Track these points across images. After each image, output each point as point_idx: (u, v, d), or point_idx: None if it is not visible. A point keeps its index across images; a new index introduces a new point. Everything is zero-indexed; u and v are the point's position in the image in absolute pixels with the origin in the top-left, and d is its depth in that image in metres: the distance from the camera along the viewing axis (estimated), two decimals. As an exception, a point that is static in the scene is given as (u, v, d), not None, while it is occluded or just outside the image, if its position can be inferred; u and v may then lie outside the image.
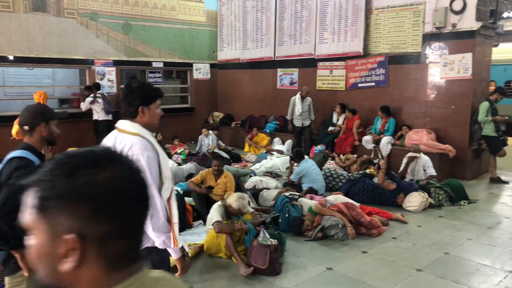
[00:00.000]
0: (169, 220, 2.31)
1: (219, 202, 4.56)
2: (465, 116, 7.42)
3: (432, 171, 6.80)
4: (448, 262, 4.37)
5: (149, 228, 2.22)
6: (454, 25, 7.39)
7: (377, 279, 4.00)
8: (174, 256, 2.37)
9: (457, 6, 7.31)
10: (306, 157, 7.21)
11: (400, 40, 8.15)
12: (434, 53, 7.72)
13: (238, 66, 11.64)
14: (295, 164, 6.81)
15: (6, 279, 2.41)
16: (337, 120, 9.07)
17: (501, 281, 3.95)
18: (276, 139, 10.08)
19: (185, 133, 10.93)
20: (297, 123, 9.13)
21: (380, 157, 8.06)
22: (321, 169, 7.20)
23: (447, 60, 7.52)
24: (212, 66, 12.14)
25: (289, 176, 6.81)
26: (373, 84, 8.62)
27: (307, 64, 9.79)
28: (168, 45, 11.18)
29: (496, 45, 21.04)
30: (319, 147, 8.67)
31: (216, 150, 9.05)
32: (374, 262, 4.37)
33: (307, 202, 5.45)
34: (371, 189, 6.25)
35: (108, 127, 9.37)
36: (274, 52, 10.50)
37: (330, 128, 9.11)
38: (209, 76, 12.06)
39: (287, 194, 5.68)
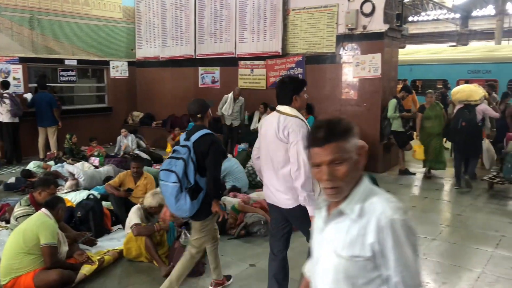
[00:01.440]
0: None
1: (138, 205, 4.42)
2: (376, 113, 7.91)
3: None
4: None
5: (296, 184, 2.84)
6: (364, 27, 7.84)
7: (299, 272, 4.11)
8: (310, 213, 2.86)
9: (367, 9, 7.76)
10: (229, 156, 7.23)
11: (316, 40, 8.47)
12: (347, 53, 8.12)
13: (158, 64, 11.36)
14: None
15: (197, 223, 3.41)
16: (260, 119, 9.20)
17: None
18: (199, 139, 9.97)
19: (103, 134, 10.44)
20: (227, 121, 9.16)
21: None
22: (244, 167, 7.27)
23: (359, 60, 7.96)
24: (131, 64, 11.73)
25: (212, 175, 6.77)
26: (292, 83, 8.85)
27: (229, 63, 9.82)
28: (82, 41, 10.59)
29: (403, 47, 22.77)
30: (243, 146, 8.74)
31: (137, 151, 8.76)
32: (296, 255, 4.45)
33: (230, 201, 5.47)
34: (292, 184, 6.42)
35: (14, 131, 8.66)
36: (195, 50, 10.40)
37: (253, 127, 9.23)
38: (127, 74, 11.63)
39: (210, 193, 5.64)
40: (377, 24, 7.74)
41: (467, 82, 12.20)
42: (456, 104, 7.33)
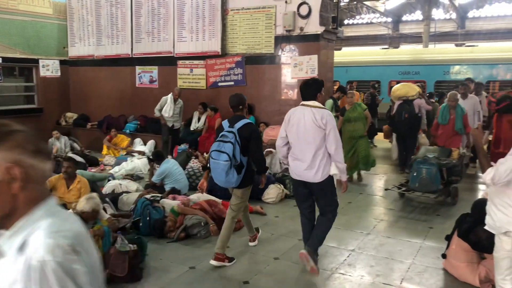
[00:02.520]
0: None
1: (70, 211, 4.19)
2: (314, 113, 8.11)
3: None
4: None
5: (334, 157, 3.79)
6: (301, 29, 8.01)
7: (238, 272, 4.13)
8: (344, 179, 3.92)
9: (304, 11, 7.94)
10: (168, 157, 7.10)
11: (255, 41, 8.54)
12: (285, 54, 8.27)
13: (92, 63, 10.90)
14: (156, 165, 6.65)
15: (239, 191, 4.16)
16: (199, 119, 9.11)
17: (345, 259, 4.42)
18: (137, 140, 9.72)
19: (33, 136, 9.82)
20: (168, 123, 8.85)
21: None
22: (184, 169, 7.17)
23: (296, 61, 8.12)
24: (63, 62, 11.16)
25: (150, 177, 6.62)
26: (232, 83, 8.87)
27: (167, 62, 9.63)
28: (7, 38, 9.92)
29: (339, 49, 23.59)
30: (182, 146, 8.62)
31: (70, 154, 8.33)
32: (236, 255, 4.49)
33: (169, 203, 5.36)
34: (233, 185, 6.43)
35: None
36: (132, 49, 10.10)
37: (193, 127, 9.11)
38: (59, 73, 11.04)
39: (148, 196, 5.50)
40: (313, 26, 7.94)
41: (398, 83, 12.91)
42: (395, 100, 8.29)
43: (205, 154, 8.24)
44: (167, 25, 9.51)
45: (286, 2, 8.07)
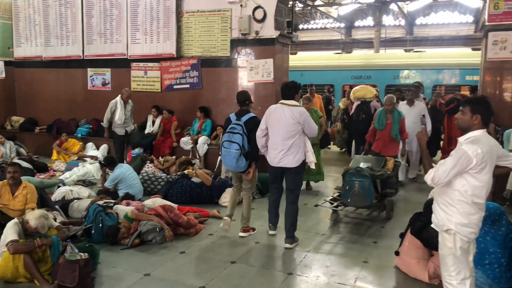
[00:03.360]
0: None
1: (15, 219, 3.98)
2: (270, 116, 8.16)
3: (244, 168, 7.29)
4: (259, 251, 4.73)
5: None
6: (257, 33, 8.05)
7: (194, 277, 4.08)
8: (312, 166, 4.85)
9: (259, 15, 7.98)
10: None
11: (211, 44, 8.49)
12: (242, 58, 8.28)
13: (40, 64, 10.43)
14: (109, 170, 6.45)
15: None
16: (154, 122, 8.93)
17: (301, 260, 4.47)
18: (90, 144, 9.39)
19: (-25, 142, 9.25)
20: (120, 131, 7.98)
21: (198, 157, 8.27)
22: (139, 173, 7.01)
23: (252, 64, 8.15)
24: (8, 64, 10.59)
25: (103, 183, 6.41)
26: (187, 86, 8.77)
27: (120, 64, 9.38)
28: None
29: (295, 53, 23.93)
30: (137, 151, 8.42)
31: (16, 160, 7.92)
32: (192, 261, 4.44)
33: (123, 209, 5.21)
34: (189, 189, 6.36)
35: None
36: (83, 50, 9.75)
37: (148, 131, 8.91)
38: (3, 75, 10.45)
39: (101, 202, 5.32)
40: (269, 30, 8.00)
41: (351, 87, 13.27)
42: (354, 101, 8.91)
43: (160, 158, 8.08)
44: (120, 27, 9.27)
45: (241, 5, 8.09)
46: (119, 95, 8.01)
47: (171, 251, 4.67)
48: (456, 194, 2.81)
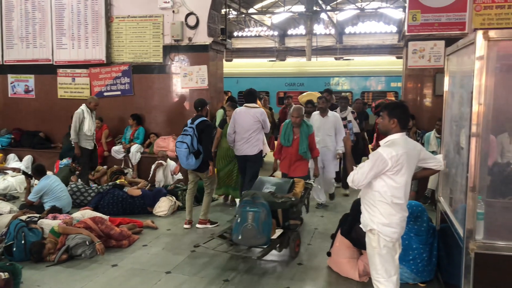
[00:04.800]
0: None
1: None
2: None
3: (179, 175, 7.18)
4: (196, 258, 4.67)
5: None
6: (190, 39, 8.00)
7: (127, 290, 3.93)
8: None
9: (191, 21, 7.94)
10: (48, 173, 6.53)
11: (143, 50, 8.30)
12: (175, 64, 8.18)
13: (-47, 70, 9.58)
14: (36, 181, 6.06)
15: (202, 174, 5.56)
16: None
17: (241, 267, 4.46)
18: (11, 156, 8.77)
19: None
20: (89, 144, 7.08)
21: (130, 166, 8.02)
22: (67, 185, 6.65)
23: (186, 71, 8.08)
24: None
25: (26, 196, 6.00)
26: (119, 93, 8.49)
27: (45, 70, 8.87)
28: None
29: (230, 60, 24.08)
30: (65, 161, 7.98)
31: None
32: (124, 274, 4.28)
33: (49, 223, 4.92)
34: (121, 199, 6.14)
35: None
36: (2, 55, 9.11)
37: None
38: None
39: (23, 217, 4.98)
40: (202, 37, 7.98)
41: (285, 94, 13.58)
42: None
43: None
44: (44, 31, 8.78)
45: (173, 11, 8.00)
46: (84, 104, 7.10)
47: (102, 264, 4.47)
48: (377, 195, 2.96)
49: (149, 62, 8.30)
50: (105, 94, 8.58)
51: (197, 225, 5.67)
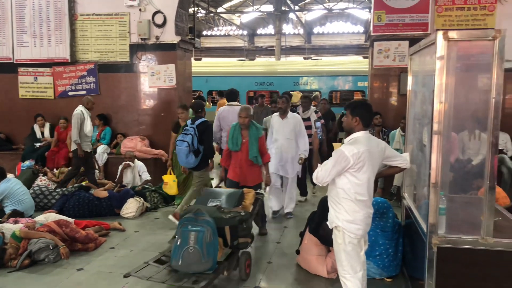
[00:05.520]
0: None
1: None
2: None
3: (147, 176, 7.07)
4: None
5: None
6: (157, 38, 7.89)
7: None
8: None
9: (159, 20, 7.83)
10: (10, 175, 6.31)
11: (109, 48, 8.12)
12: (142, 63, 8.04)
13: None
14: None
15: (198, 172, 5.55)
16: (42, 132, 8.25)
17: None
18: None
19: None
20: (88, 146, 6.87)
21: (97, 167, 7.83)
22: (29, 187, 6.44)
23: (154, 70, 7.96)
24: None
25: (-15, 200, 5.75)
26: (84, 92, 8.26)
27: (5, 69, 8.53)
28: None
29: (199, 59, 23.92)
30: (27, 163, 7.72)
31: None
32: (91, 278, 4.18)
33: (10, 228, 4.75)
34: (87, 201, 6.00)
35: None
36: (-42, 53, 8.71)
37: (37, 144, 8.15)
38: None
39: (-18, 222, 4.79)
40: (169, 36, 7.88)
41: (255, 93, 13.59)
42: None
43: (55, 170, 7.51)
44: (3, 28, 8.44)
45: (140, 10, 7.86)
46: (81, 105, 6.88)
47: (67, 269, 4.35)
48: (341, 193, 3.01)
49: (115, 61, 8.13)
50: (70, 93, 8.35)
51: (170, 216, 5.55)
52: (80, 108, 6.82)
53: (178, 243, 3.63)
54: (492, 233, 2.96)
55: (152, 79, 8.00)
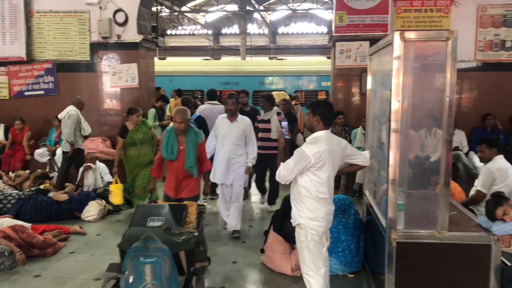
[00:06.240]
0: None
1: None
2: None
3: (109, 178, 6.90)
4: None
5: None
6: (119, 36, 7.72)
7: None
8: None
9: (120, 18, 7.67)
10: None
11: (68, 47, 7.88)
12: (103, 62, 7.85)
13: None
14: None
15: None
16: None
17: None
18: None
19: None
20: (81, 144, 6.95)
21: (56, 169, 7.58)
22: (-16, 192, 6.15)
23: (115, 69, 7.79)
24: None
25: None
26: (42, 92, 7.99)
27: (-44, 68, 8.13)
28: None
29: (164, 58, 23.59)
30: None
31: None
32: (48, 284, 4.04)
33: (-39, 234, 4.50)
34: (45, 205, 5.80)
35: None
36: None
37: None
38: None
39: None
40: (131, 34, 7.74)
41: (220, 92, 13.53)
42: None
43: (11, 173, 7.21)
44: (-46, 25, 8.04)
45: (100, 7, 7.68)
46: (72, 105, 6.97)
47: (23, 276, 4.18)
48: (303, 191, 3.05)
49: (75, 60, 7.91)
50: (26, 93, 8.05)
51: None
52: (73, 109, 6.89)
53: (131, 280, 2.83)
54: (447, 227, 3.07)
55: (114, 78, 7.83)
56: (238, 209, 5.30)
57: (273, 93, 9.95)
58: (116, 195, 5.78)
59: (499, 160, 4.37)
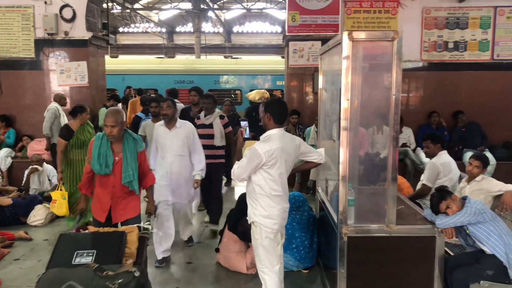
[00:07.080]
0: None
1: None
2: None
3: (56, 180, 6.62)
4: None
5: None
6: (66, 33, 7.43)
7: None
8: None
9: (67, 14, 7.37)
10: None
11: (10, 43, 7.49)
12: (50, 60, 7.52)
13: None
14: None
15: None
16: None
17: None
18: None
19: None
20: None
21: (0, 172, 7.19)
22: None
23: (63, 67, 7.49)
24: None
25: None
26: (-18, 91, 7.55)
27: None
28: None
29: (116, 56, 22.95)
30: None
31: None
32: (-9, 293, 3.82)
33: None
34: (-13, 210, 5.47)
35: None
36: None
37: None
38: None
39: None
40: (80, 31, 7.46)
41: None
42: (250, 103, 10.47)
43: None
44: None
45: (45, 3, 7.34)
46: (54, 102, 6.96)
47: (-34, 286, 3.94)
48: (257, 189, 3.06)
49: (18, 57, 7.53)
50: (-35, 92, 7.57)
51: None
52: (54, 104, 6.87)
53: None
54: (395, 221, 3.19)
55: (62, 77, 7.52)
56: (187, 216, 4.87)
57: (254, 91, 10.25)
58: (61, 205, 5.11)
59: (443, 155, 4.59)
